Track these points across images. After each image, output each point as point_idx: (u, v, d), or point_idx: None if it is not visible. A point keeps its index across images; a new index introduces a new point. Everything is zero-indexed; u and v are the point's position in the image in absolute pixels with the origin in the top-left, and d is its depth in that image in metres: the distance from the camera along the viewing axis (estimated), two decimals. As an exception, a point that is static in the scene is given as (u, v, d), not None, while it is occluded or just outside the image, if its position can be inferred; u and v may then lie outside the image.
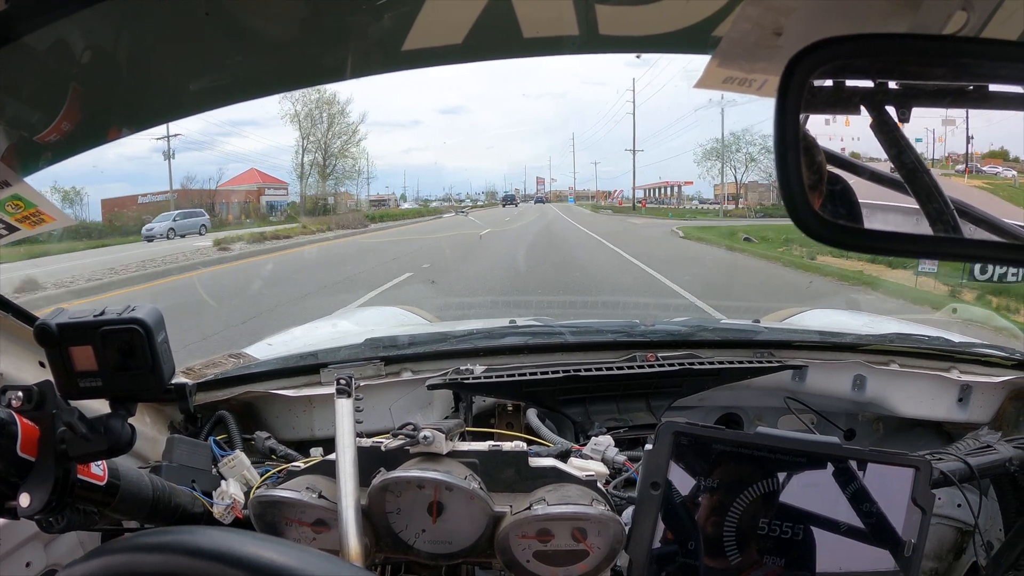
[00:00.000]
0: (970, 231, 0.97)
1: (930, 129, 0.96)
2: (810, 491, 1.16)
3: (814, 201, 0.90)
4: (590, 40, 1.32)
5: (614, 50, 1.38)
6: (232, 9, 1.18)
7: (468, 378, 1.76)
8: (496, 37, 1.31)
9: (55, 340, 0.98)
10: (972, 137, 0.99)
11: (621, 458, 1.44)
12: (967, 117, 0.97)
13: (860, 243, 0.96)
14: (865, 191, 1.01)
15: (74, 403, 1.02)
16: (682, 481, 1.16)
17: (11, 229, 1.25)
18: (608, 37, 1.31)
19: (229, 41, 1.25)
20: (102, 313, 1.00)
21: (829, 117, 0.93)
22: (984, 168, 1.03)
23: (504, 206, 78.17)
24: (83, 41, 1.11)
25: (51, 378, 1.00)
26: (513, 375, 1.78)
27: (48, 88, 1.18)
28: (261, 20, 1.21)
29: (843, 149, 0.98)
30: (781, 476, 1.16)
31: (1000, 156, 1.03)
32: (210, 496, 1.40)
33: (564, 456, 1.41)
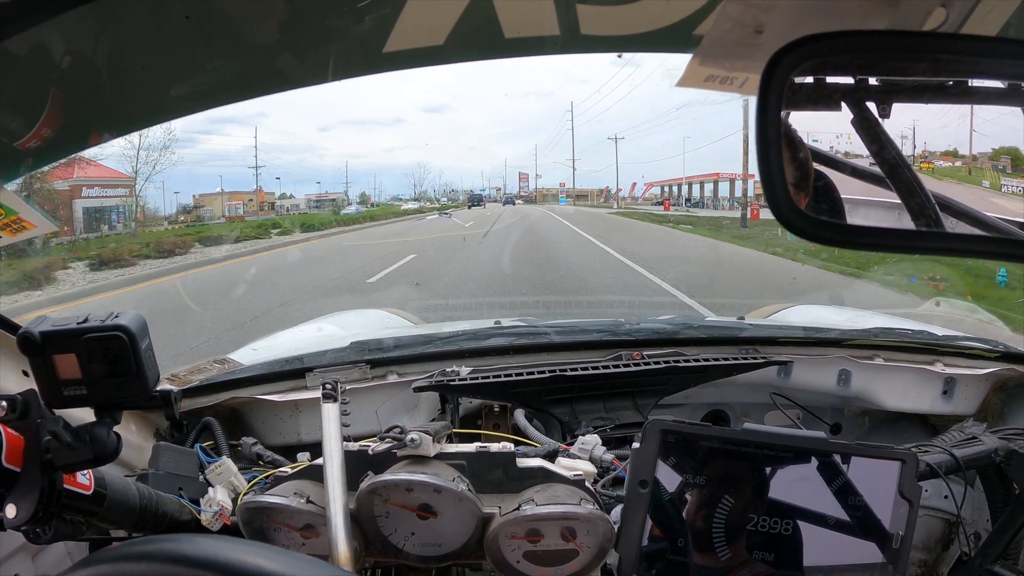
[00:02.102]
0: (951, 225, 0.98)
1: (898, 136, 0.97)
2: (797, 486, 1.16)
3: (796, 197, 0.91)
4: (572, 40, 1.32)
5: (596, 50, 1.38)
6: (213, 13, 1.17)
7: (454, 380, 1.76)
8: (478, 38, 1.31)
9: (38, 348, 0.97)
10: (925, 142, 1.01)
11: (609, 457, 1.44)
12: (913, 133, 0.99)
13: (842, 238, 0.96)
14: (847, 187, 1.01)
15: (59, 412, 1.01)
16: (670, 479, 1.16)
17: None
18: (590, 37, 1.32)
19: (209, 44, 1.24)
20: (85, 320, 0.99)
21: (811, 114, 0.93)
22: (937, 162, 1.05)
23: (470, 207, 72.24)
24: (63, 46, 1.10)
25: (35, 387, 0.99)
26: (499, 376, 1.78)
27: (28, 94, 1.17)
28: (242, 23, 1.21)
29: (832, 148, 1.00)
30: (768, 472, 1.16)
31: (951, 154, 1.05)
32: (197, 503, 1.39)
33: (552, 456, 1.41)
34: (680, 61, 1.18)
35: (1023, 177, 1.01)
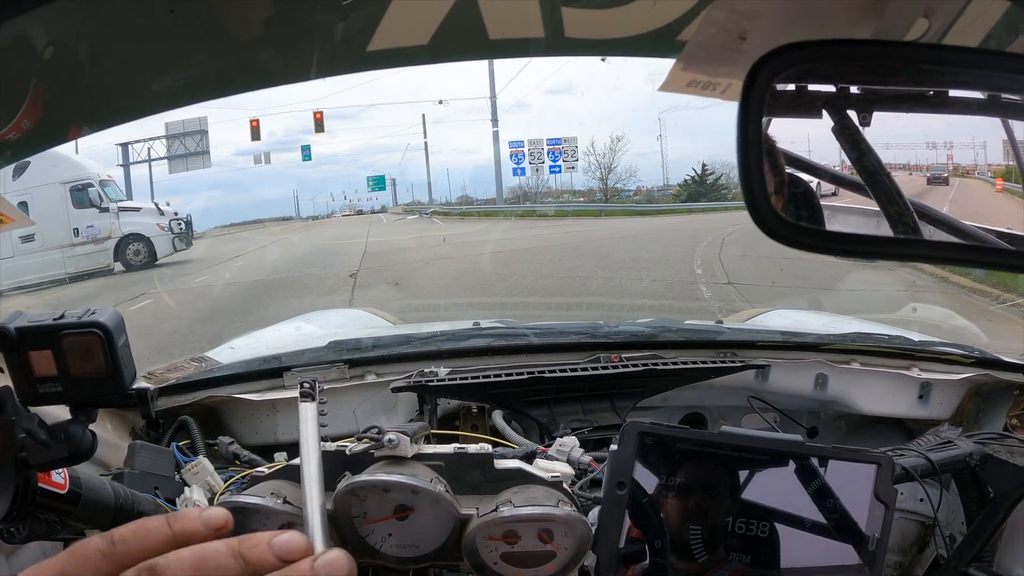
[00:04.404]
0: (929, 232, 0.98)
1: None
2: (774, 489, 1.17)
3: (776, 203, 0.91)
4: (556, 42, 1.32)
5: (580, 53, 1.38)
6: (196, 7, 1.17)
7: (432, 380, 1.76)
8: (462, 38, 1.31)
9: (13, 344, 0.96)
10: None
11: (586, 459, 1.45)
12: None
13: (821, 244, 0.97)
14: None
15: (33, 409, 1.00)
16: (647, 481, 1.16)
17: None
18: (574, 40, 1.32)
19: (193, 39, 1.23)
20: (61, 317, 0.98)
21: (792, 120, 0.94)
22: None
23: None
24: (45, 37, 1.09)
25: (10, 384, 0.98)
26: (477, 377, 1.78)
27: (9, 85, 1.16)
28: (225, 18, 1.20)
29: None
30: (745, 474, 1.17)
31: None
32: (173, 503, 1.38)
33: (530, 458, 1.41)
34: (663, 66, 1.19)
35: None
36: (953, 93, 0.93)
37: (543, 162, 42.74)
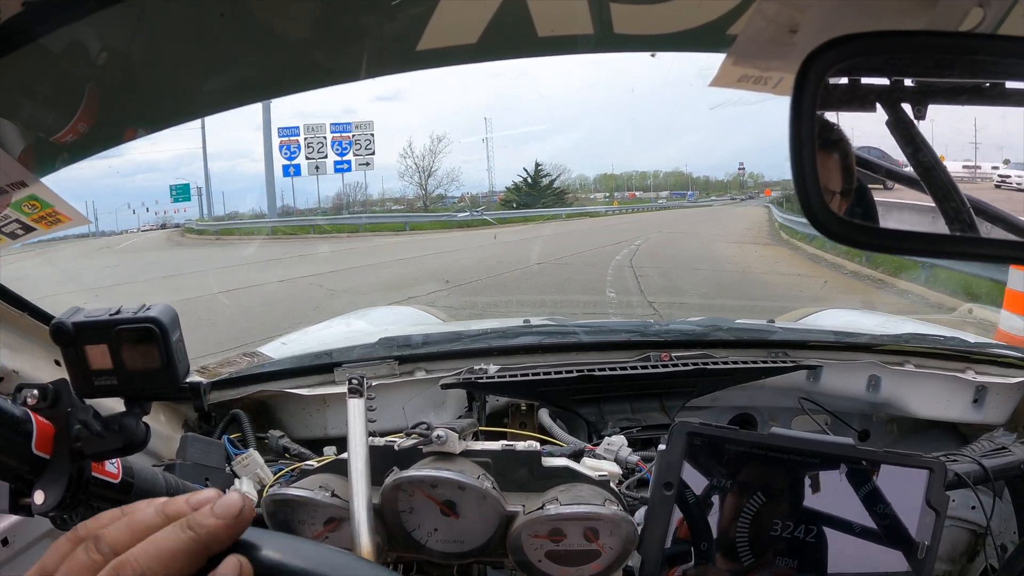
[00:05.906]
0: (987, 230, 0.96)
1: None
2: (824, 492, 1.15)
3: (830, 200, 0.90)
4: (605, 39, 1.32)
5: (629, 49, 1.37)
6: (247, 10, 1.19)
7: (482, 377, 1.76)
8: (511, 36, 1.32)
9: (71, 338, 0.98)
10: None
11: (634, 458, 1.44)
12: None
13: (876, 242, 0.95)
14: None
15: (89, 401, 1.03)
16: (695, 481, 1.15)
17: (28, 229, 1.26)
18: (623, 36, 1.31)
19: (244, 41, 1.25)
20: (118, 312, 1.00)
21: (846, 115, 0.92)
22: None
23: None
24: (99, 42, 1.11)
25: (66, 376, 1.01)
26: (527, 375, 1.78)
27: (65, 89, 1.19)
28: (276, 20, 1.22)
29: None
30: (795, 477, 1.15)
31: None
32: (224, 494, 1.40)
33: (577, 456, 1.41)
34: (713, 61, 1.18)
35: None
36: (1010, 85, 0.91)
37: (325, 156, 34.44)
